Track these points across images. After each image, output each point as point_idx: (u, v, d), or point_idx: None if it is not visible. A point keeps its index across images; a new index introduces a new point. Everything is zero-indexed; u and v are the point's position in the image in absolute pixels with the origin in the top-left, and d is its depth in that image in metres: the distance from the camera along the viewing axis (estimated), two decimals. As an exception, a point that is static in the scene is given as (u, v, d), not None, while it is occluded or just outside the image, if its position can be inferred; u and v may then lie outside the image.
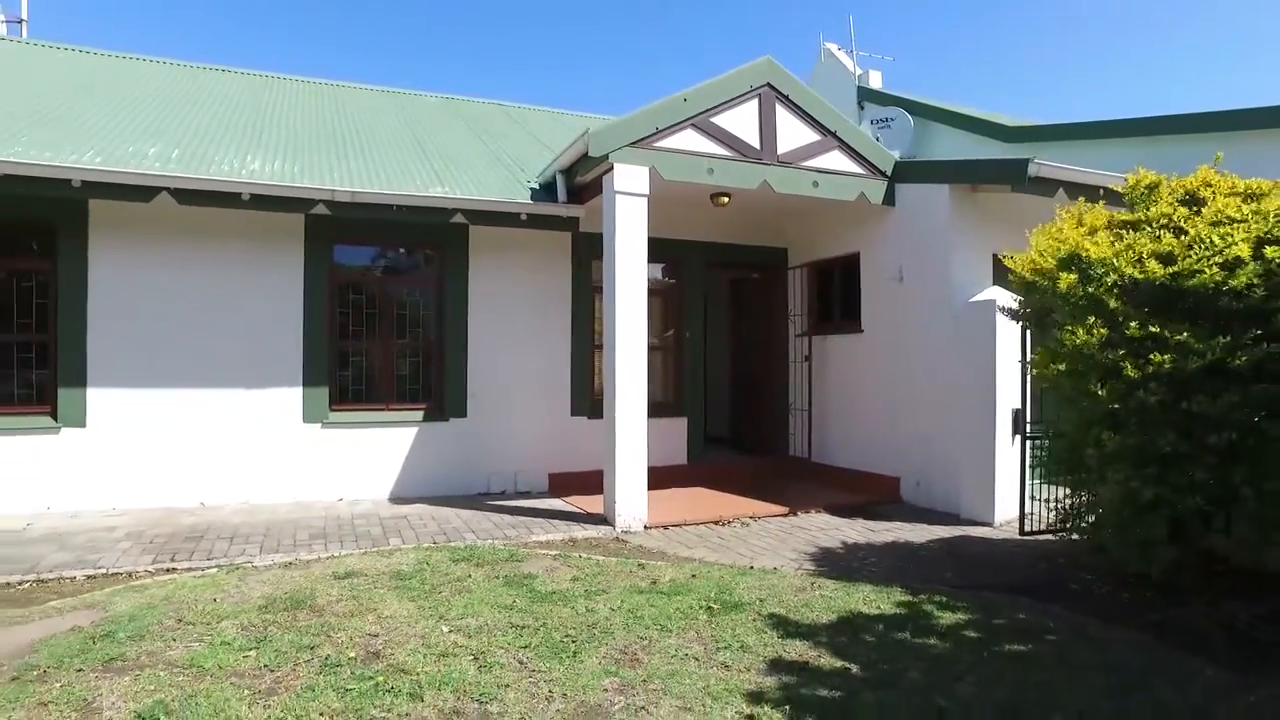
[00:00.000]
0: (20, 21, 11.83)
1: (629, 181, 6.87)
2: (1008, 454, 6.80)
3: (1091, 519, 5.12)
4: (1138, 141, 9.49)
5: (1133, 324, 4.26)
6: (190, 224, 7.27)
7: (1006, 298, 6.40)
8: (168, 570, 5.35)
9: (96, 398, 7.09)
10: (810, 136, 7.76)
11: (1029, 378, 6.32)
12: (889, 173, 8.09)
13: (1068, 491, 5.51)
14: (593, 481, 7.61)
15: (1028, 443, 6.59)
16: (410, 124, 10.73)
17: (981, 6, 44.28)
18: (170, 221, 7.17)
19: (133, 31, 41.66)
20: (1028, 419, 6.68)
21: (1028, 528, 6.47)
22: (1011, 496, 6.70)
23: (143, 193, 6.60)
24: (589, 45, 48.25)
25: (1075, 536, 5.56)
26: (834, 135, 7.87)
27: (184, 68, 11.53)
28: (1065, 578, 5.27)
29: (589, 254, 8.54)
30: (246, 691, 3.34)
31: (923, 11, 45.64)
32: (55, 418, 7.01)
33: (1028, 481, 6.54)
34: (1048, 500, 6.09)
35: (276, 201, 6.97)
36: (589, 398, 8.73)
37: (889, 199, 8.10)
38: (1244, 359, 3.96)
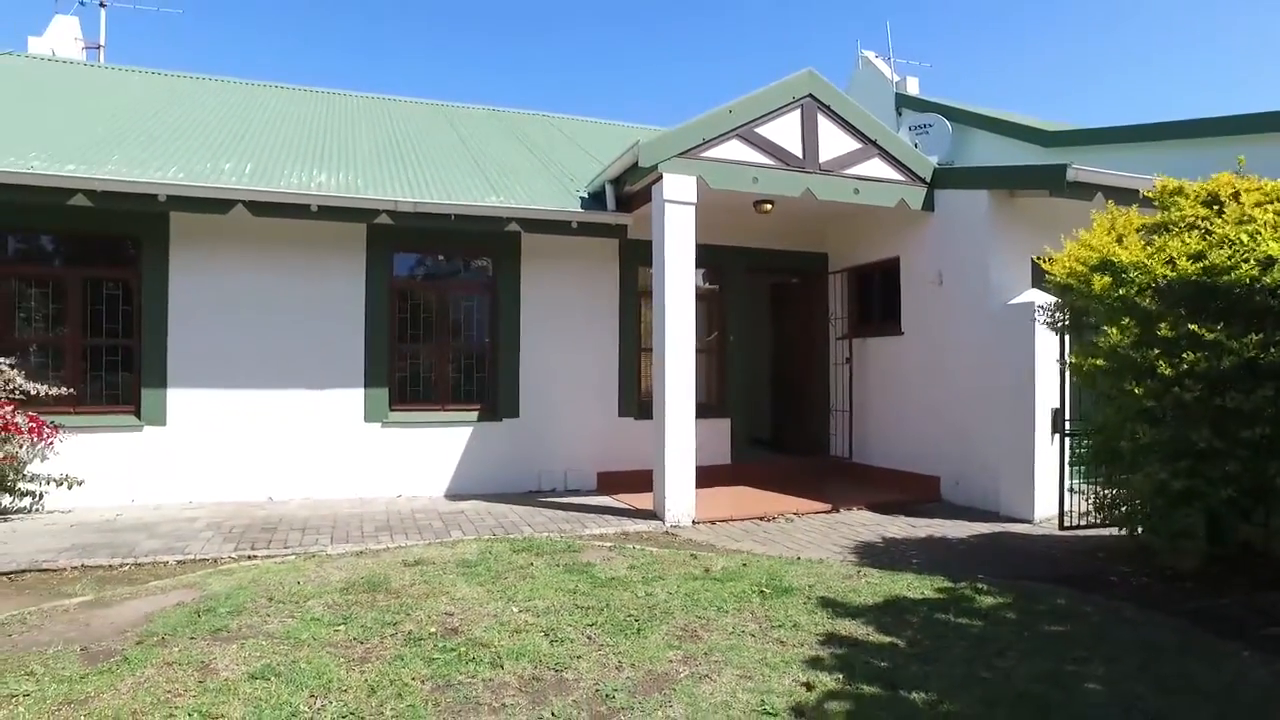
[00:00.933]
0: (98, 47, 12.56)
1: (678, 190, 7.18)
2: (1047, 452, 6.96)
3: (1125, 509, 5.29)
4: (1175, 145, 9.56)
5: (1164, 323, 4.45)
6: (260, 234, 7.72)
7: (1045, 300, 6.57)
8: (249, 557, 5.75)
9: (176, 398, 7.56)
10: (851, 145, 8.00)
11: (1067, 377, 6.47)
12: (928, 179, 8.31)
13: (1103, 486, 5.67)
14: (640, 480, 7.91)
15: (1067, 440, 6.75)
16: (460, 135, 11.16)
17: (1016, 9, 43.99)
18: (242, 232, 7.63)
19: (168, 47, 43.21)
20: (1066, 417, 6.84)
21: (1067, 524, 6.63)
22: (1051, 494, 6.85)
23: (221, 205, 7.07)
24: (632, 51, 48.81)
25: (1113, 530, 5.72)
26: (874, 144, 8.10)
27: (245, 85, 12.12)
28: (1104, 570, 5.44)
29: (636, 260, 8.86)
30: (342, 659, 3.68)
31: (958, 16, 45.45)
32: (139, 416, 7.49)
33: (1067, 479, 6.70)
34: (1086, 496, 6.24)
35: (343, 212, 7.40)
36: (636, 399, 9.04)
37: (928, 204, 8.31)
38: (1276, 355, 4.14)
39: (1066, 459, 6.70)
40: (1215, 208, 4.86)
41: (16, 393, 6.68)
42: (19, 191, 6.48)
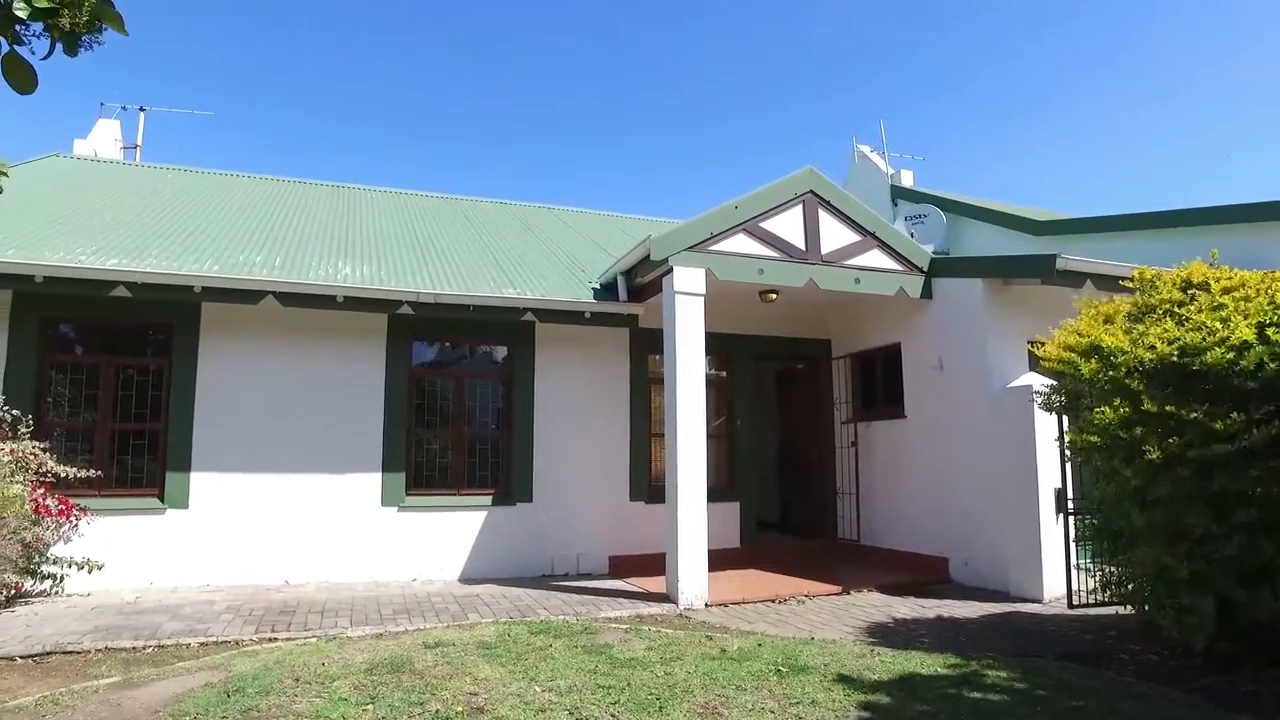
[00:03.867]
0: (135, 147, 13.27)
1: (687, 282, 7.54)
2: (1052, 531, 7.09)
3: (1131, 587, 5.40)
4: (1158, 234, 9.91)
5: (1149, 402, 4.65)
6: (285, 323, 8.05)
7: (1041, 383, 6.82)
8: (269, 639, 5.83)
9: (199, 481, 7.74)
10: (851, 237, 8.42)
11: (1068, 457, 6.66)
12: (925, 269, 8.69)
13: (1107, 564, 5.80)
14: (651, 563, 8.00)
15: (1070, 519, 6.89)
16: (475, 228, 11.66)
17: (1004, 107, 45.96)
18: (268, 321, 7.96)
19: (200, 146, 45.07)
20: (1069, 496, 6.99)
21: (1075, 602, 6.71)
22: (1059, 573, 6.94)
23: (252, 296, 7.43)
24: (619, 151, 50.68)
25: (1120, 609, 5.81)
26: (873, 236, 8.52)
27: (272, 181, 12.75)
28: (1114, 647, 5.52)
29: (646, 348, 9.17)
30: (372, 736, 3.78)
31: (949, 112, 47.44)
32: (162, 499, 7.65)
33: (1073, 557, 6.81)
34: (1094, 574, 6.34)
35: (367, 303, 7.75)
36: (647, 483, 9.19)
37: (926, 292, 8.67)
38: (1259, 435, 4.34)
39: (1072, 537, 6.82)
40: (1189, 293, 5.17)
41: (48, 475, 6.87)
42: (66, 284, 6.86)
